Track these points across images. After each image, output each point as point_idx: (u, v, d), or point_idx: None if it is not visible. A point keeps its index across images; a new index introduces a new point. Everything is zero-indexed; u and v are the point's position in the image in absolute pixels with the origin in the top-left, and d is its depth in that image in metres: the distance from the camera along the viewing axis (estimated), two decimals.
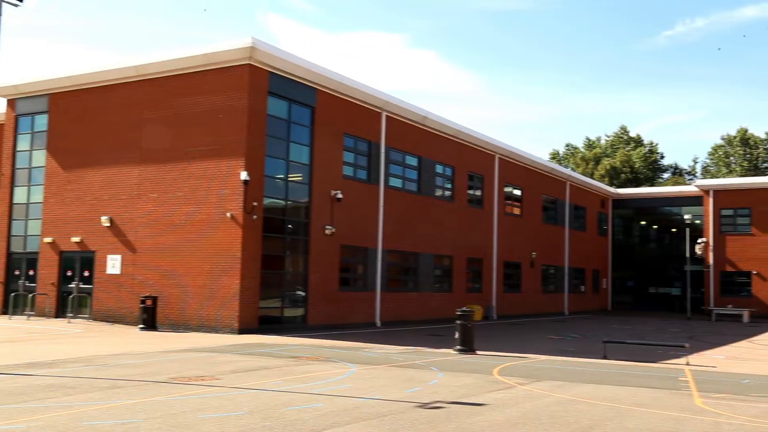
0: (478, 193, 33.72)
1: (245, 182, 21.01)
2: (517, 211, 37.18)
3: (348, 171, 25.78)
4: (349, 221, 25.22)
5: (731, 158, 71.16)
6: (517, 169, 36.71)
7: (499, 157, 34.90)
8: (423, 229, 29.26)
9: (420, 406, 9.71)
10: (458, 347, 17.37)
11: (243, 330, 20.72)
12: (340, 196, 24.54)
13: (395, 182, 28.24)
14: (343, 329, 23.52)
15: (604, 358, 16.89)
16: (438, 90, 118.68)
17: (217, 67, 21.98)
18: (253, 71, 21.63)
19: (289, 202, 23.59)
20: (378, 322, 26.36)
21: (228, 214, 21.17)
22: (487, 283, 33.84)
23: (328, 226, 24.21)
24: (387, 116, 27.32)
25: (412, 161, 29.15)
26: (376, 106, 26.75)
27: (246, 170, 21.04)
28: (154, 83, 23.37)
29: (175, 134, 22.70)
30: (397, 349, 18.07)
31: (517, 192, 37.22)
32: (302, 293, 23.66)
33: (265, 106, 22.17)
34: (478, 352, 17.28)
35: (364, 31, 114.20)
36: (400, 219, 27.98)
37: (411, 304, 28.61)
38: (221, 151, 21.62)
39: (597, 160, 71.45)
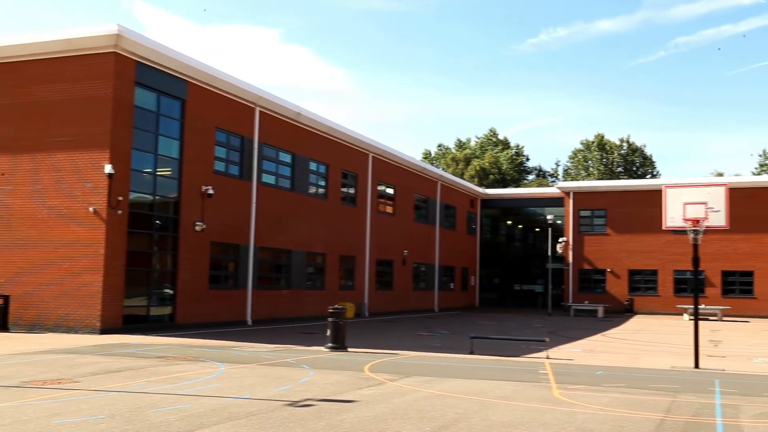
0: (352, 191, 33.92)
1: (110, 176, 20.07)
2: (390, 209, 37.71)
3: (220, 166, 25.22)
4: (220, 218, 24.67)
5: (589, 162, 75.42)
6: (390, 168, 37.22)
7: (373, 156, 35.25)
8: (296, 226, 29.09)
9: (290, 405, 9.62)
10: (330, 345, 17.39)
11: (106, 330, 19.80)
12: (211, 191, 23.95)
13: (268, 179, 27.89)
14: (213, 328, 22.98)
15: (471, 353, 17.42)
16: (313, 87, 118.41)
17: (81, 54, 20.86)
18: (119, 60, 20.69)
19: (157, 198, 22.74)
20: (249, 321, 25.95)
21: (91, 209, 20.15)
22: (360, 281, 34.11)
23: (198, 223, 23.56)
24: (260, 112, 26.94)
25: (285, 158, 28.90)
26: (249, 101, 26.31)
27: (111, 163, 20.12)
28: (10, 68, 21.87)
29: (33, 123, 21.33)
30: (269, 347, 17.85)
31: (390, 191, 37.75)
32: (170, 291, 22.90)
33: (132, 97, 21.27)
34: (349, 350, 17.36)
35: (236, 24, 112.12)
36: (273, 216, 27.68)
37: (283, 302, 28.38)
38: (84, 142, 20.53)
39: (467, 161, 73.69)
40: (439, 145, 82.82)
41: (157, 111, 22.53)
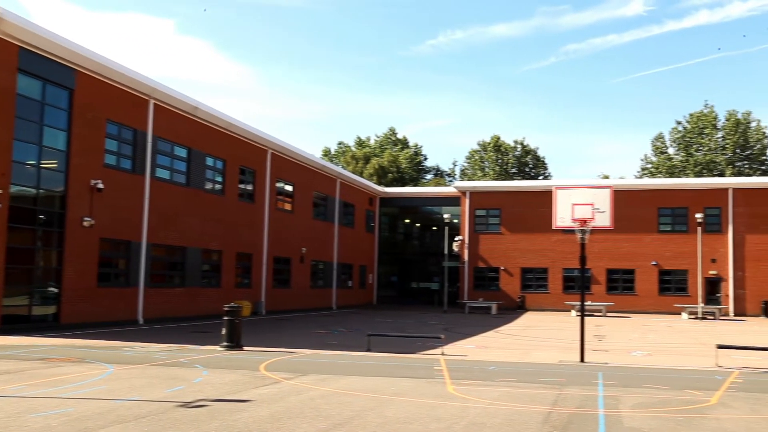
0: (250, 187, 33.41)
1: None
2: (288, 206, 37.39)
3: (111, 160, 24.26)
4: (110, 213, 23.74)
5: (485, 163, 77.37)
6: (289, 165, 36.91)
7: (272, 153, 34.86)
8: (191, 222, 28.39)
9: (182, 405, 9.37)
10: (225, 344, 17.07)
11: None
12: (101, 186, 23.01)
13: (162, 173, 27.07)
14: (101, 327, 22.09)
15: (368, 350, 17.51)
16: (211, 81, 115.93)
17: None
18: None
19: (41, 191, 21.63)
20: (141, 320, 25.11)
21: None
22: (257, 279, 33.66)
23: (86, 218, 22.58)
24: (155, 104, 26.11)
25: (181, 152, 28.14)
26: (143, 93, 25.45)
27: None
28: None
29: None
30: (161, 347, 17.33)
31: (289, 188, 37.43)
32: (55, 289, 21.84)
33: (14, 85, 20.15)
34: (245, 348, 17.10)
35: (129, 12, 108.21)
36: (167, 212, 26.89)
37: (177, 300, 27.62)
38: None
39: (367, 159, 74.07)
40: (339, 143, 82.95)
41: (42, 100, 21.43)
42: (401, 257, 51.83)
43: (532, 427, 8.60)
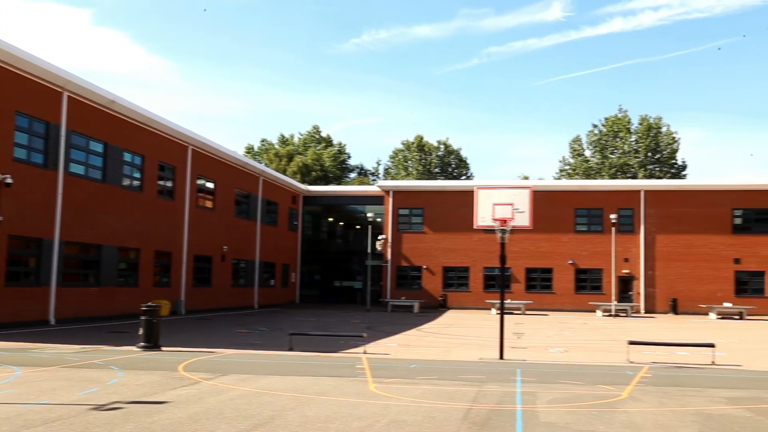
0: (170, 184, 32.64)
1: None
2: (209, 204, 36.72)
3: (20, 153, 23.24)
4: (20, 209, 22.73)
5: (409, 162, 77.99)
6: (210, 161, 36.25)
7: (193, 149, 34.15)
8: (108, 219, 27.52)
9: (95, 408, 9.07)
10: (142, 344, 16.64)
11: None
12: (9, 180, 22.01)
13: (77, 168, 26.12)
14: (9, 329, 21.16)
15: (290, 349, 17.38)
16: (129, 74, 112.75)
17: None
18: None
19: None
20: (52, 320, 24.17)
21: None
22: (176, 278, 32.93)
23: None
24: (69, 97, 25.17)
25: (97, 147, 27.22)
26: (56, 85, 24.49)
27: None
28: None
29: None
30: (74, 348, 16.73)
31: (211, 185, 36.76)
32: None
33: None
34: (163, 349, 16.71)
35: (43, 1, 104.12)
36: (82, 208, 25.98)
37: (92, 300, 26.72)
38: None
39: (290, 157, 73.50)
40: (263, 141, 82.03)
41: None
42: (324, 256, 51.65)
43: (452, 423, 8.71)
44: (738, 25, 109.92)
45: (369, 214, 43.93)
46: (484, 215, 16.65)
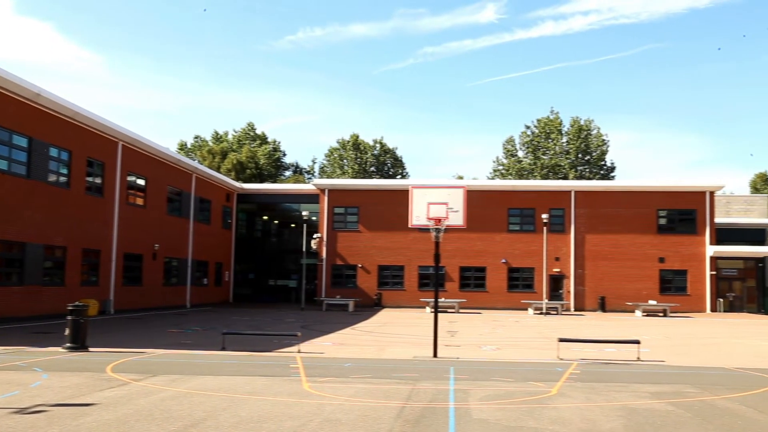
0: (98, 180, 31.74)
1: None
2: (140, 201, 35.87)
3: None
4: None
5: (344, 161, 77.96)
6: (142, 158, 35.42)
7: (123, 145, 33.30)
8: (32, 216, 26.57)
9: (17, 412, 8.75)
10: (68, 345, 16.15)
11: None
12: None
13: None
14: None
15: (223, 349, 17.15)
16: (57, 67, 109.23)
17: None
18: None
19: None
20: None
21: None
22: (105, 276, 32.05)
23: None
24: None
25: (20, 141, 26.23)
26: None
27: None
28: None
29: None
30: None
31: (142, 182, 35.92)
32: None
33: None
34: (91, 350, 16.25)
35: None
36: (4, 205, 25.01)
37: (15, 299, 25.75)
38: None
39: (224, 155, 72.52)
40: (196, 137, 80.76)
41: None
42: (259, 254, 51.12)
43: (385, 422, 8.75)
44: (662, 31, 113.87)
45: (304, 213, 43.69)
46: (419, 214, 16.77)
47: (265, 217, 53.21)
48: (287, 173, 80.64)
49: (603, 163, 73.66)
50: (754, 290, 46.27)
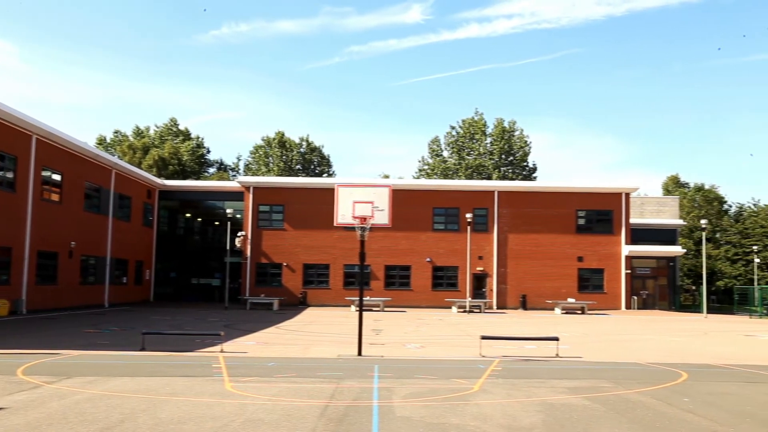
0: (10, 175, 30.41)
1: None
2: (56, 197, 34.56)
3: None
4: None
5: (270, 158, 77.17)
6: (58, 152, 34.14)
7: (37, 138, 32.03)
8: None
9: None
10: None
11: None
12: None
13: None
14: None
15: (143, 349, 16.71)
16: None
17: None
18: None
19: None
20: None
21: None
22: (17, 275, 30.74)
23: None
24: None
25: None
26: None
27: None
28: None
29: None
30: None
31: (57, 177, 34.61)
32: None
33: None
34: (0, 351, 15.56)
35: None
36: None
37: None
38: None
39: (145, 150, 70.71)
40: (116, 132, 78.37)
41: None
42: (181, 253, 50.02)
43: (309, 421, 8.70)
44: (582, 37, 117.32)
45: (228, 210, 43.00)
46: (344, 213, 16.76)
47: (188, 215, 52.13)
48: (211, 170, 79.27)
49: (525, 164, 75.30)
50: (665, 288, 48.28)
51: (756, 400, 10.95)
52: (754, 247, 61.31)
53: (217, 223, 49.55)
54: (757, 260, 60.60)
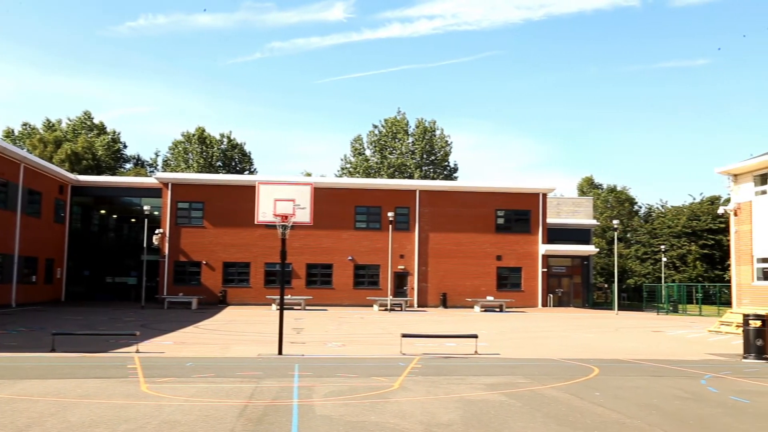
0: None
1: None
2: None
3: None
4: None
5: (190, 155, 75.59)
6: None
7: None
8: None
9: None
10: None
11: None
12: None
13: None
14: None
15: (52, 351, 16.10)
16: None
17: None
18: None
19: None
20: None
21: None
22: None
23: None
24: None
25: None
26: None
27: None
28: None
29: None
30: None
31: None
32: None
33: None
34: None
35: None
36: None
37: None
38: None
39: (57, 144, 68.10)
40: (25, 124, 75.20)
41: None
42: (95, 250, 48.37)
43: (227, 421, 8.57)
44: (501, 40, 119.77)
45: (146, 207, 41.90)
46: (265, 210, 16.59)
47: (103, 211, 50.45)
48: (128, 166, 77.03)
49: (446, 163, 76.31)
50: (580, 286, 49.84)
51: (662, 393, 11.44)
52: (662, 247, 64.02)
53: (133, 220, 48.18)
54: (664, 259, 63.32)
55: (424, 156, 74.98)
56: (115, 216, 50.61)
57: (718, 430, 8.62)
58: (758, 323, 17.12)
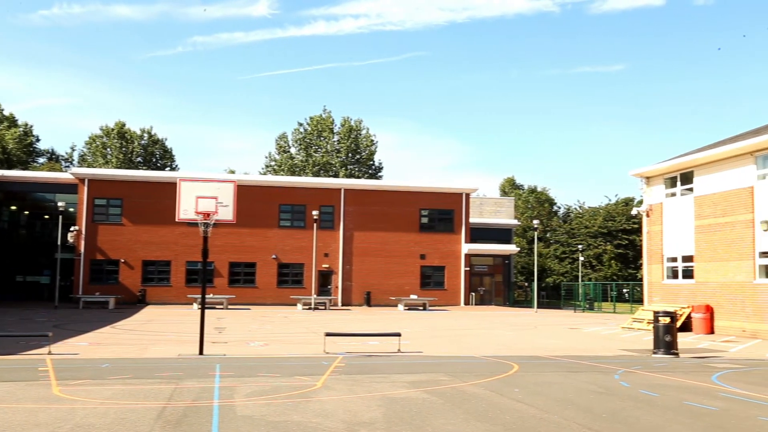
0: None
1: None
2: None
3: None
4: None
5: (108, 150, 73.30)
6: None
7: None
8: None
9: None
10: None
11: None
12: None
13: None
14: None
15: None
16: None
17: None
18: None
19: None
20: None
21: None
22: None
23: None
24: None
25: None
26: None
27: None
28: None
29: None
30: None
31: None
32: None
33: None
34: None
35: None
36: None
37: None
38: None
39: None
40: None
41: None
42: (5, 248, 46.34)
43: (145, 424, 8.35)
44: (424, 41, 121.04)
45: (60, 204, 40.40)
46: (187, 208, 16.25)
47: (14, 207, 48.38)
48: (41, 160, 74.08)
49: (371, 162, 76.52)
50: (501, 285, 50.89)
51: (577, 388, 11.79)
52: (579, 246, 66.04)
53: (47, 216, 46.41)
54: (581, 258, 65.31)
55: (350, 155, 74.99)
56: (26, 212, 48.64)
57: (629, 423, 8.94)
58: (667, 320, 17.86)
